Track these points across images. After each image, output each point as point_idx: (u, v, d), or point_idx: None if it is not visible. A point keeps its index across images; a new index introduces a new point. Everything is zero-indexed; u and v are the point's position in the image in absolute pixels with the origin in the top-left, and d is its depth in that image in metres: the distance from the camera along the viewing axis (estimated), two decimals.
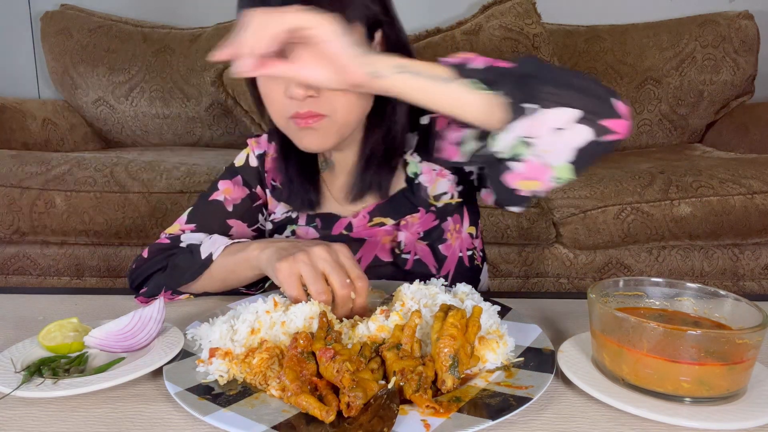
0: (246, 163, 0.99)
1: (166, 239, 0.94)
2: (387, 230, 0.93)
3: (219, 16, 2.64)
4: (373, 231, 0.93)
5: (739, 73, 2.47)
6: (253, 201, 0.98)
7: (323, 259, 0.70)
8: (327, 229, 0.94)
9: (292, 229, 0.97)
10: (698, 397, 0.54)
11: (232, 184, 0.98)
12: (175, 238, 0.93)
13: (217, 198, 0.96)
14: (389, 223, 0.93)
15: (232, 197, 0.96)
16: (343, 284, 0.69)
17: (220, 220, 0.95)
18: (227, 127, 2.53)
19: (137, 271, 0.91)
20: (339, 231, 0.94)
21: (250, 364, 0.59)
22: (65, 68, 2.55)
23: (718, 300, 0.62)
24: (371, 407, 0.52)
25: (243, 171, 0.99)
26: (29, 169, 1.81)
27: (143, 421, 0.54)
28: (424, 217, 0.93)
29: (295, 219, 0.96)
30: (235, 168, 0.99)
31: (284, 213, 0.97)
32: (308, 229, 0.95)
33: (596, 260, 1.83)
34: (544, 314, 0.79)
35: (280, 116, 0.82)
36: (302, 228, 0.96)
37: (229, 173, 0.99)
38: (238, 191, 0.97)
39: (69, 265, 1.90)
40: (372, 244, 0.93)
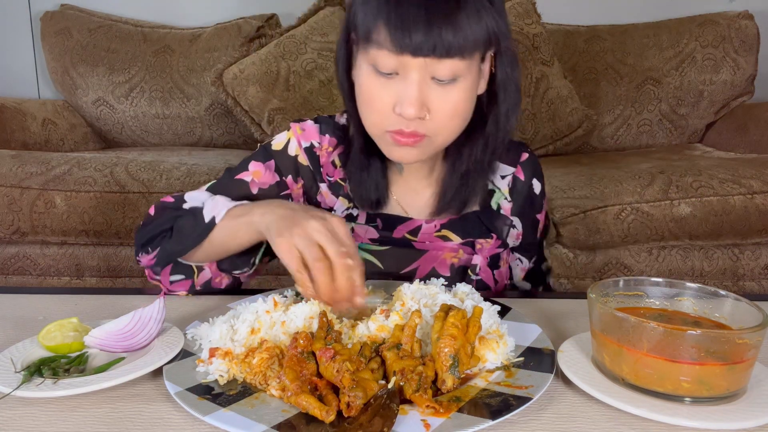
0: (284, 150, 0.95)
1: (170, 197, 0.91)
2: (452, 247, 0.94)
3: (219, 16, 2.65)
4: (438, 243, 0.94)
5: (739, 73, 2.47)
6: (280, 189, 0.94)
7: (317, 230, 0.70)
8: (388, 231, 0.94)
9: (351, 227, 0.95)
10: (698, 397, 0.54)
11: (264, 167, 0.94)
12: (179, 197, 0.90)
13: (244, 178, 0.93)
14: (456, 240, 0.94)
15: (260, 181, 0.93)
16: (338, 252, 0.69)
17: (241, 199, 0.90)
18: (227, 127, 2.53)
19: (144, 229, 0.89)
20: (402, 234, 0.94)
21: (250, 364, 0.59)
22: (65, 68, 2.55)
23: (718, 300, 0.62)
24: (371, 407, 0.52)
25: (278, 156, 0.95)
26: (29, 169, 1.81)
27: (143, 421, 0.54)
28: (495, 243, 0.95)
29: (355, 217, 0.95)
30: (271, 151, 0.95)
31: (344, 210, 0.95)
32: (368, 229, 0.94)
33: (596, 260, 1.83)
34: (544, 314, 0.79)
35: (378, 127, 0.81)
36: (362, 227, 0.94)
37: (263, 155, 0.95)
38: (268, 176, 0.93)
39: (69, 265, 1.90)
40: (432, 256, 0.94)
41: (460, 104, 0.78)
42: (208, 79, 2.35)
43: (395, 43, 0.73)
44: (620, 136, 2.52)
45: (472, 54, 0.75)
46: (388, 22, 0.73)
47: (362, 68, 0.79)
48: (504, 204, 0.98)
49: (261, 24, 2.51)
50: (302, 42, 2.29)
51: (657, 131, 2.52)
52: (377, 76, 0.77)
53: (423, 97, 0.76)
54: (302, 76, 2.26)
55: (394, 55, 0.74)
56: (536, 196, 1.00)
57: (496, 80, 0.84)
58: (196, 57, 2.51)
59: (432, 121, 0.78)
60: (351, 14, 0.79)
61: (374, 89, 0.78)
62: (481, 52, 0.78)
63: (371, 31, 0.74)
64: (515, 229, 0.99)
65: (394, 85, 0.77)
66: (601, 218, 1.75)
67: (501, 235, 0.96)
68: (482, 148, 0.89)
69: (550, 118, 2.32)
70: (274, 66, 2.25)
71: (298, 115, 2.21)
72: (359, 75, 0.80)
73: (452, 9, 0.72)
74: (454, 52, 0.73)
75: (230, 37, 2.51)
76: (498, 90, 0.85)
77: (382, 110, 0.78)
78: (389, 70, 0.76)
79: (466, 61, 0.75)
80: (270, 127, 2.21)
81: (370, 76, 0.78)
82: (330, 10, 2.36)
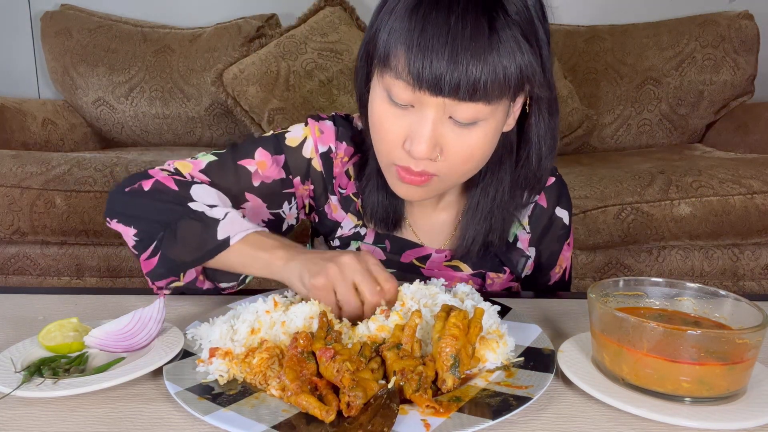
0: (299, 148, 0.88)
1: (171, 179, 0.81)
2: (462, 277, 0.90)
3: (219, 16, 2.64)
4: (447, 273, 0.90)
5: (739, 73, 2.47)
6: (284, 187, 0.88)
7: (354, 269, 0.66)
8: (396, 254, 0.89)
9: (357, 246, 0.91)
10: (698, 397, 0.54)
11: (271, 160, 0.86)
12: (185, 188, 0.81)
13: (247, 167, 0.86)
14: (466, 271, 0.90)
15: (264, 174, 0.86)
16: (373, 293, 0.66)
17: (239, 189, 0.86)
18: (227, 127, 2.53)
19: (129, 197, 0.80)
20: (410, 259, 0.90)
21: (250, 364, 0.59)
22: (65, 68, 2.55)
23: (718, 300, 0.62)
24: (371, 407, 0.52)
25: (291, 153, 0.87)
26: (29, 169, 1.81)
27: (143, 421, 0.54)
28: (508, 277, 0.92)
29: (363, 236, 0.90)
30: (284, 145, 0.88)
31: (352, 228, 0.90)
32: (375, 249, 0.90)
33: (596, 260, 1.83)
34: (544, 314, 0.79)
35: (386, 157, 0.74)
36: (368, 247, 0.90)
37: (274, 146, 0.87)
38: (274, 170, 0.86)
39: (69, 265, 1.90)
40: None
41: (477, 148, 0.71)
42: (208, 79, 2.35)
43: (413, 76, 0.65)
44: (620, 136, 2.52)
45: (499, 99, 0.67)
46: (409, 50, 0.65)
47: (376, 91, 0.72)
48: (521, 235, 0.91)
49: (261, 24, 2.52)
50: (302, 42, 2.29)
51: (657, 131, 2.52)
52: (390, 104, 0.70)
53: (437, 136, 0.69)
54: (302, 76, 2.26)
55: (411, 88, 0.66)
56: (558, 226, 0.92)
57: (530, 123, 0.78)
58: (196, 57, 2.51)
59: (444, 162, 0.71)
60: (373, 28, 0.71)
61: (385, 118, 0.71)
62: (510, 96, 0.69)
63: (390, 55, 0.67)
64: (530, 260, 0.93)
65: (407, 117, 0.70)
66: (601, 218, 1.75)
67: (515, 269, 0.91)
68: (509, 192, 0.83)
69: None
70: (274, 66, 2.25)
71: (298, 115, 2.21)
72: (373, 97, 0.73)
73: (483, 45, 0.63)
74: (479, 95, 0.65)
75: (230, 37, 2.51)
76: (531, 135, 0.78)
77: (391, 142, 0.72)
78: (404, 102, 0.69)
79: (491, 106, 0.67)
80: (270, 127, 2.21)
81: (383, 104, 0.71)
82: (330, 10, 2.36)
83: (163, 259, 0.78)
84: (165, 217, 0.78)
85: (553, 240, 0.94)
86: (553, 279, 0.98)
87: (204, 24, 2.64)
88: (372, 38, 0.71)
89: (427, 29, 0.64)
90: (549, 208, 0.92)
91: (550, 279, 0.98)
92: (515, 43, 0.65)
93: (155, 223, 0.79)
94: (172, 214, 0.78)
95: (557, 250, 0.95)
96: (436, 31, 0.63)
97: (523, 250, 0.92)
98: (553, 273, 0.98)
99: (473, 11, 0.64)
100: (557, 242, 0.95)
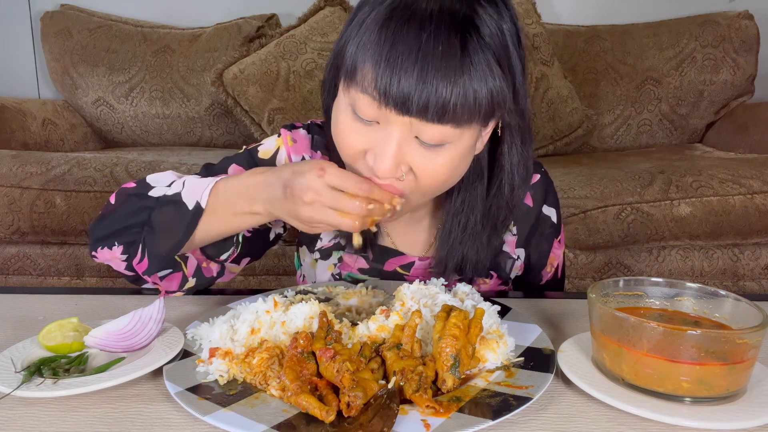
0: (271, 160, 0.87)
1: (131, 182, 0.82)
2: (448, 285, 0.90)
3: (219, 16, 2.64)
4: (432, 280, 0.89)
5: (739, 73, 2.47)
6: None
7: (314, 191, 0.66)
8: (379, 263, 0.89)
9: (339, 256, 0.91)
10: (698, 397, 0.54)
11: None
12: (142, 182, 0.80)
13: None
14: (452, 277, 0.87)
15: None
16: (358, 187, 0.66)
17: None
18: (227, 127, 2.53)
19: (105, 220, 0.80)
20: (394, 267, 0.89)
21: (250, 364, 0.59)
22: (65, 68, 2.55)
23: (718, 300, 0.62)
24: (371, 407, 0.52)
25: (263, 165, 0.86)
26: (29, 169, 1.81)
27: (143, 421, 0.54)
28: (495, 281, 0.91)
29: (343, 246, 0.89)
30: (257, 158, 0.87)
31: (332, 239, 0.90)
32: (358, 258, 0.89)
33: (596, 260, 1.83)
34: (544, 314, 0.79)
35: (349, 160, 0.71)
36: (351, 256, 0.90)
37: (246, 160, 0.87)
38: None
39: (69, 265, 1.90)
40: None
41: (444, 172, 0.68)
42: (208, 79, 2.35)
43: (380, 92, 0.62)
44: (620, 136, 2.52)
45: (469, 123, 0.65)
46: (377, 65, 0.62)
47: (341, 104, 0.70)
48: (508, 237, 0.89)
49: (261, 24, 2.52)
50: (302, 42, 2.29)
51: (657, 131, 2.52)
52: (354, 119, 0.67)
53: (402, 155, 0.66)
54: (302, 76, 2.26)
55: (376, 104, 0.64)
56: (546, 225, 0.91)
57: (502, 152, 0.76)
58: (196, 57, 2.51)
59: (410, 182, 0.69)
60: (342, 40, 0.69)
61: (348, 132, 0.69)
62: (480, 121, 0.67)
63: (357, 68, 0.64)
64: (519, 261, 0.92)
65: (371, 133, 0.67)
66: (601, 218, 1.75)
67: (502, 273, 0.90)
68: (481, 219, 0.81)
69: (550, 118, 2.32)
70: (274, 66, 2.25)
71: (299, 115, 2.21)
72: (337, 110, 0.71)
73: (454, 66, 0.61)
74: (448, 118, 0.62)
75: (230, 37, 2.51)
76: (503, 163, 0.76)
77: (353, 156, 0.70)
78: (369, 118, 0.66)
79: (459, 129, 0.65)
80: (270, 127, 2.21)
81: (347, 118, 0.68)
82: (330, 10, 2.36)
83: (152, 257, 0.78)
84: (138, 217, 0.78)
85: (542, 239, 0.92)
86: (544, 278, 0.97)
87: (204, 24, 2.64)
88: (341, 50, 0.69)
89: (397, 45, 0.61)
90: (535, 207, 0.90)
91: (542, 279, 0.97)
92: (487, 67, 0.63)
93: (133, 228, 0.78)
94: (143, 210, 0.77)
95: (546, 250, 0.94)
96: (406, 48, 0.61)
97: (509, 252, 0.91)
98: (545, 272, 0.97)
99: (446, 30, 0.61)
100: (546, 241, 0.93)
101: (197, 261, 0.84)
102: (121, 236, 0.78)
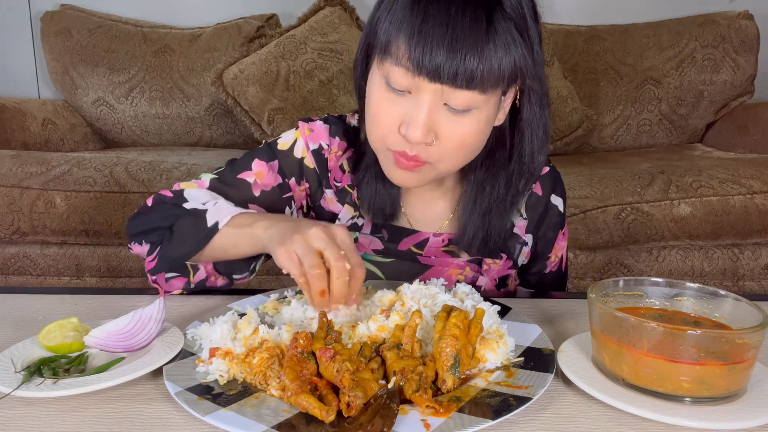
0: (290, 150, 0.92)
1: (169, 191, 0.88)
2: (459, 263, 0.91)
3: (219, 16, 2.64)
4: (445, 259, 0.91)
5: (739, 73, 2.47)
6: (282, 192, 0.91)
7: (317, 237, 0.67)
8: (393, 243, 0.91)
9: (354, 237, 0.92)
10: (698, 397, 0.54)
11: (267, 167, 0.90)
12: (179, 194, 0.87)
13: (246, 178, 0.90)
14: (464, 257, 0.91)
15: (262, 182, 0.90)
16: (337, 257, 0.66)
17: (242, 201, 0.89)
18: (227, 127, 2.53)
19: (139, 218, 0.86)
20: (408, 246, 0.91)
21: (250, 364, 0.59)
22: (65, 68, 2.55)
23: (718, 300, 0.62)
24: (371, 407, 0.52)
25: (283, 157, 0.91)
26: (29, 169, 1.81)
27: (143, 421, 0.54)
28: (505, 264, 0.93)
29: (360, 227, 0.92)
30: (276, 151, 0.91)
31: (350, 219, 0.92)
32: (372, 239, 0.91)
33: (596, 260, 1.83)
34: (544, 314, 0.79)
35: (380, 142, 0.77)
36: (366, 237, 0.91)
37: (267, 154, 0.91)
38: (270, 177, 0.90)
39: (69, 265, 1.90)
40: (437, 272, 0.92)
41: (470, 136, 0.74)
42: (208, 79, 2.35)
43: (413, 63, 0.68)
44: (620, 136, 2.52)
45: (494, 88, 0.71)
46: (410, 38, 0.68)
47: (375, 78, 0.76)
48: (518, 222, 0.93)
49: (261, 24, 2.52)
50: (302, 42, 2.29)
51: (657, 131, 2.52)
52: (388, 90, 0.73)
53: (432, 122, 0.72)
54: (302, 76, 2.26)
55: (410, 74, 0.70)
56: (554, 214, 0.95)
57: (521, 117, 0.81)
58: (196, 57, 2.51)
59: (437, 147, 0.74)
60: (374, 19, 0.75)
61: (382, 104, 0.74)
62: (504, 87, 0.73)
63: (391, 43, 0.70)
64: (527, 247, 0.95)
65: (403, 103, 0.73)
66: (601, 218, 1.75)
67: (512, 255, 0.93)
68: (505, 186, 0.86)
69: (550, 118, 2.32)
70: (274, 66, 2.25)
71: (298, 115, 2.21)
72: (371, 85, 0.77)
73: (481, 37, 0.67)
74: (475, 84, 0.69)
75: (230, 37, 2.51)
76: (523, 128, 0.81)
77: (387, 127, 0.75)
78: (402, 88, 0.72)
79: (485, 95, 0.71)
80: (270, 127, 2.21)
81: (381, 89, 0.74)
82: (330, 10, 2.36)
83: (163, 258, 0.83)
84: (166, 222, 0.84)
85: (549, 227, 0.97)
86: (548, 267, 1.00)
87: (204, 24, 2.64)
88: (373, 29, 0.75)
89: (428, 19, 0.67)
90: (544, 196, 0.95)
91: (546, 267, 1.00)
92: (510, 37, 0.69)
93: (160, 230, 0.84)
94: (171, 217, 0.84)
95: (552, 238, 0.98)
96: (436, 21, 0.67)
97: (520, 236, 0.94)
98: (549, 262, 1.00)
99: (472, 4, 0.68)
100: (552, 230, 0.97)
101: (207, 274, 0.87)
102: (148, 236, 0.85)
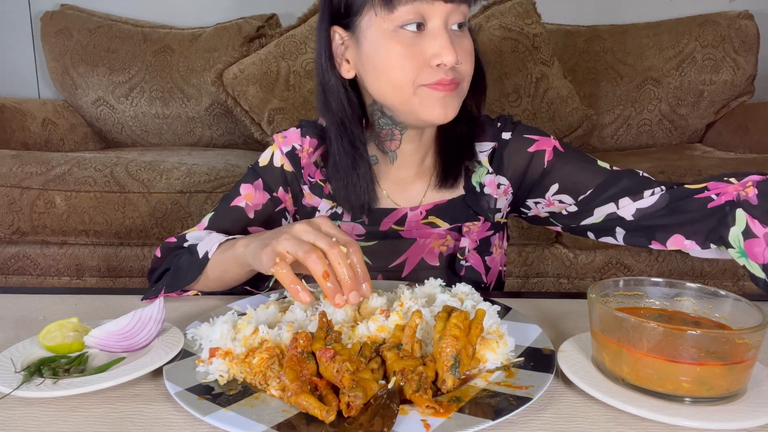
0: (270, 164, 0.96)
1: (174, 238, 0.93)
2: (440, 233, 0.93)
3: (219, 16, 2.65)
4: (426, 230, 0.93)
5: (739, 73, 2.47)
6: (275, 205, 0.95)
7: (304, 231, 0.67)
8: (374, 225, 0.93)
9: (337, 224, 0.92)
10: (698, 397, 0.54)
11: (254, 188, 0.95)
12: (182, 237, 0.92)
13: (238, 204, 0.94)
14: (443, 226, 0.93)
15: (253, 203, 0.94)
16: (330, 244, 0.65)
17: (241, 227, 0.93)
18: (227, 127, 2.53)
19: (154, 273, 0.92)
20: (389, 225, 0.93)
21: (250, 364, 0.59)
22: (65, 68, 2.55)
23: (718, 300, 0.62)
24: (371, 407, 0.52)
25: (265, 172, 0.96)
26: (29, 169, 1.82)
27: (143, 421, 0.54)
28: (483, 225, 0.95)
29: (340, 215, 0.94)
30: (258, 168, 0.96)
31: (329, 210, 0.95)
32: (354, 226, 0.94)
33: (596, 260, 1.83)
34: (544, 314, 0.79)
35: (410, 84, 0.81)
36: (347, 224, 0.94)
37: (252, 175, 0.96)
38: (259, 196, 0.94)
39: (69, 265, 1.90)
40: (420, 246, 0.93)
41: (472, 49, 0.84)
42: (208, 79, 2.35)
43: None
44: (620, 136, 2.52)
45: (475, 3, 0.84)
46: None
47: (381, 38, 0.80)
48: (487, 179, 0.93)
49: (261, 24, 2.52)
50: (302, 42, 2.29)
51: (657, 131, 2.52)
52: (403, 37, 0.79)
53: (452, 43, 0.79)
54: (302, 76, 2.26)
55: (425, 3, 0.77)
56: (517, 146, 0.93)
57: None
58: (196, 57, 2.51)
59: (460, 66, 0.82)
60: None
61: (403, 48, 0.80)
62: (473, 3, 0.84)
63: None
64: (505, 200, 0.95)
65: (420, 41, 0.79)
66: None
67: (488, 216, 0.94)
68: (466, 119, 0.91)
69: (550, 118, 2.32)
70: (274, 66, 2.25)
71: (299, 115, 2.21)
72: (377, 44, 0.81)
73: None
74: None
75: (230, 37, 2.51)
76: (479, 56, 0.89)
77: (418, 66, 0.80)
78: (416, 20, 0.79)
79: (469, 10, 0.83)
80: (270, 127, 2.21)
81: (396, 39, 0.80)
82: None
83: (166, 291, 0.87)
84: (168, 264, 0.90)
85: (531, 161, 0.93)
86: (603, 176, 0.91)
87: (204, 24, 2.64)
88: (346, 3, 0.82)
89: None
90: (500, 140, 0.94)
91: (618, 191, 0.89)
92: None
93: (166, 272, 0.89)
94: (173, 258, 0.90)
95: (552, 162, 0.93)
96: None
97: (492, 195, 0.94)
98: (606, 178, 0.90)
99: None
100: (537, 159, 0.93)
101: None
102: (160, 281, 0.89)
